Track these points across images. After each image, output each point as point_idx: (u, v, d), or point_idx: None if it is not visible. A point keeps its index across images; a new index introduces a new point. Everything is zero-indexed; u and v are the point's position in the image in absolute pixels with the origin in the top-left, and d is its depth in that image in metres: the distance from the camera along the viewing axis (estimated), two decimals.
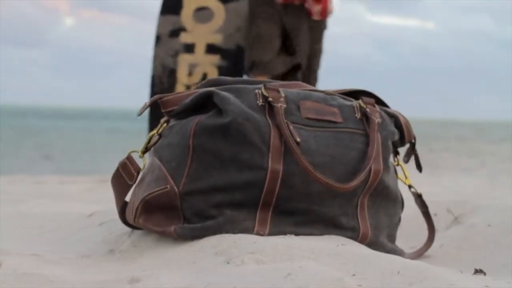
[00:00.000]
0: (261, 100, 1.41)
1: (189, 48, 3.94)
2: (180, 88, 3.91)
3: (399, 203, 1.55)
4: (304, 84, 1.55)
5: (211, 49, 3.94)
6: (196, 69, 3.95)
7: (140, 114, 1.47)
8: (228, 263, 1.24)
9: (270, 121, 1.38)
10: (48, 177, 4.33)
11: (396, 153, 1.59)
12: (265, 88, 1.42)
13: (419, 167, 1.61)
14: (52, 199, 2.67)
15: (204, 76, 3.92)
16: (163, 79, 3.95)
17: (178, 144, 1.40)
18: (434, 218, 1.85)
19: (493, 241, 1.64)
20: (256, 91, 1.42)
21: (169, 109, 1.44)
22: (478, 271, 1.33)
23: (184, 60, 3.95)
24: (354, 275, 1.17)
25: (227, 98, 1.38)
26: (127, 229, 1.56)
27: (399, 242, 1.71)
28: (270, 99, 1.40)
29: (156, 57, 3.97)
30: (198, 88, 1.48)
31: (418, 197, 1.64)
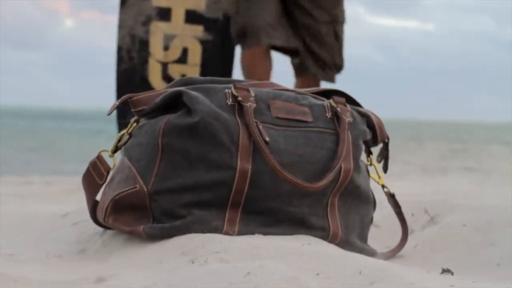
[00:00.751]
0: (230, 100, 1.41)
1: (164, 14, 3.18)
2: (154, 65, 3.18)
3: (371, 203, 1.55)
4: (276, 84, 1.55)
5: (191, 17, 3.18)
6: (174, 42, 3.20)
7: (109, 113, 1.47)
8: (192, 262, 1.24)
9: (239, 121, 1.38)
10: (36, 178, 4.33)
11: (369, 153, 1.59)
12: (235, 87, 1.42)
13: (385, 167, 1.60)
14: (34, 200, 2.67)
15: (185, 51, 3.20)
16: (132, 53, 3.20)
17: (147, 143, 1.40)
18: (411, 218, 1.85)
19: (466, 241, 1.64)
20: (226, 90, 1.42)
21: (139, 108, 1.44)
22: (445, 271, 1.33)
23: (158, 30, 3.18)
24: (317, 274, 1.17)
25: (196, 97, 1.38)
26: (99, 229, 1.55)
27: (377, 242, 1.71)
28: (239, 98, 1.40)
29: (122, 24, 3.20)
30: (168, 87, 1.48)
31: (391, 197, 1.64)
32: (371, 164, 1.59)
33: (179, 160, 1.38)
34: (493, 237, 1.61)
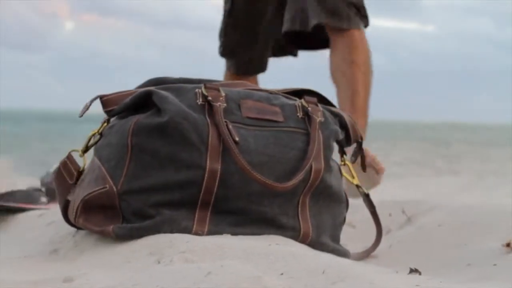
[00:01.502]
0: (200, 99, 1.40)
1: None
2: None
3: (344, 203, 1.55)
4: (248, 83, 1.55)
5: None
6: None
7: (81, 115, 1.47)
8: (158, 262, 1.24)
9: (208, 120, 1.38)
10: (23, 180, 4.31)
11: (343, 153, 1.59)
12: (205, 87, 1.42)
13: (363, 167, 1.60)
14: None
15: None
16: None
17: (117, 143, 1.40)
18: (388, 219, 1.85)
19: (441, 241, 1.64)
20: (196, 90, 1.42)
21: (110, 108, 1.43)
22: (413, 271, 1.32)
23: None
24: (282, 274, 1.17)
25: (166, 97, 1.38)
26: (73, 229, 1.55)
27: (354, 243, 1.71)
28: (209, 98, 1.40)
29: None
30: (139, 87, 1.47)
31: (366, 197, 1.64)
32: (344, 164, 1.58)
33: (149, 160, 1.38)
34: (467, 237, 1.62)
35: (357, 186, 1.62)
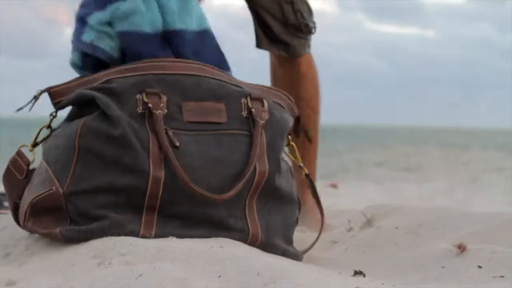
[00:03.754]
0: (141, 108, 1.41)
1: None
2: None
3: (295, 204, 1.54)
4: (207, 68, 1.51)
5: None
6: None
7: (30, 109, 1.47)
8: (99, 265, 1.24)
9: (149, 128, 1.39)
10: None
11: (288, 134, 1.57)
12: (146, 93, 1.42)
13: (297, 134, 1.60)
14: None
15: None
16: None
17: (64, 145, 1.41)
18: (348, 223, 1.85)
19: (396, 243, 1.64)
20: (138, 96, 1.41)
21: (57, 100, 1.44)
22: (357, 273, 1.33)
23: None
24: (219, 276, 1.17)
25: (109, 105, 1.39)
26: (26, 233, 1.55)
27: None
28: (150, 105, 1.40)
29: None
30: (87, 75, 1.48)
31: (307, 177, 1.65)
32: (288, 144, 1.58)
33: (95, 162, 1.38)
34: (421, 239, 1.62)
35: (300, 166, 1.62)
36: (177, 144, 1.38)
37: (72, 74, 1.54)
